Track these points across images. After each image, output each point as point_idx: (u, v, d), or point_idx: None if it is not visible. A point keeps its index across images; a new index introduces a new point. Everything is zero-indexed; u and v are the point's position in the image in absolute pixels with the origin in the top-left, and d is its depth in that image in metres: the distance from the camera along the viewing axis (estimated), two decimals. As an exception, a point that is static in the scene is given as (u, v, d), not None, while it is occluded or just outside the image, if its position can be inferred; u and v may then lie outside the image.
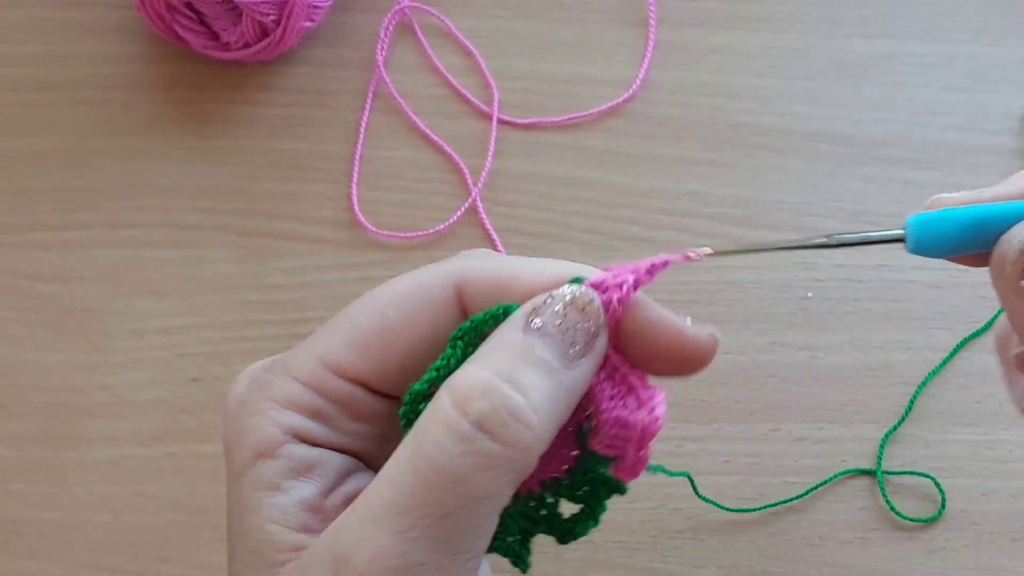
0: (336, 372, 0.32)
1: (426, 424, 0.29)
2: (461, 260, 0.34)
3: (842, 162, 0.60)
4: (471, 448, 0.28)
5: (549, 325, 0.31)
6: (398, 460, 0.29)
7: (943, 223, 0.32)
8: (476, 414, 0.29)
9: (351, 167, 0.61)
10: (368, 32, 0.64)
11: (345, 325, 0.33)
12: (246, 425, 0.32)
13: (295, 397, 0.32)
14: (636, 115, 0.61)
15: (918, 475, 0.53)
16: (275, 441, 0.32)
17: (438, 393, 0.30)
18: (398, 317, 0.33)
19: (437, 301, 0.33)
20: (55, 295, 0.59)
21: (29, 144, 0.62)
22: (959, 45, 0.62)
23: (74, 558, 0.54)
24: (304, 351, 0.33)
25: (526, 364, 0.30)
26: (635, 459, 0.33)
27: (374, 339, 0.32)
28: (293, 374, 0.32)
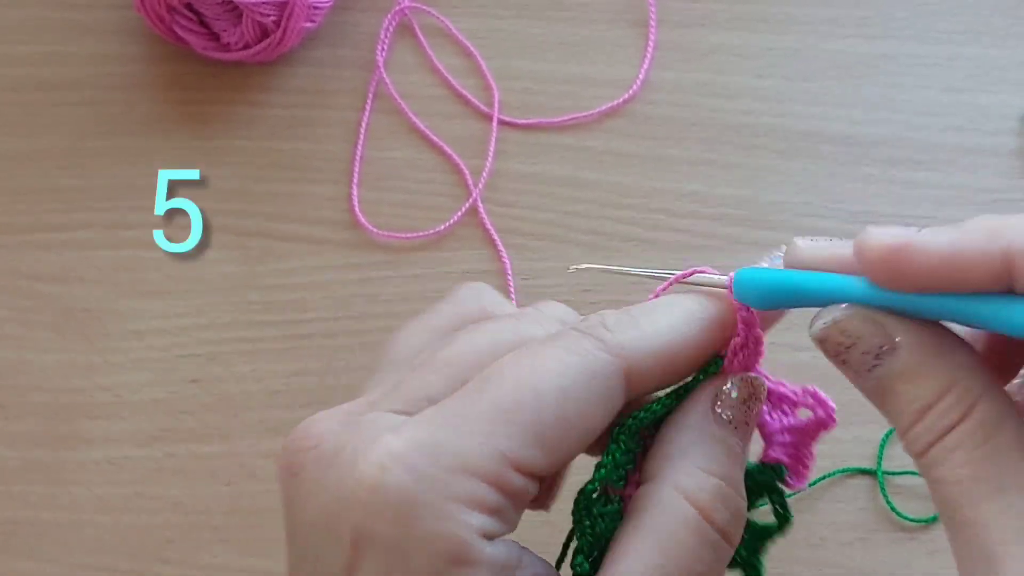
0: (518, 469, 0.31)
1: (669, 527, 0.32)
2: (620, 334, 0.33)
3: (842, 162, 0.60)
4: (718, 555, 0.32)
5: (737, 419, 0.34)
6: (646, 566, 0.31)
7: (761, 283, 0.33)
8: (721, 525, 0.32)
9: (351, 168, 0.61)
10: (368, 32, 0.64)
11: (525, 418, 0.31)
12: (433, 529, 0.30)
13: (479, 497, 0.31)
14: (636, 115, 0.62)
15: (919, 475, 0.53)
16: (472, 546, 0.30)
17: (666, 493, 0.32)
18: (577, 410, 0.32)
19: (610, 389, 0.33)
20: (55, 295, 0.59)
21: (29, 144, 0.62)
22: (959, 46, 0.62)
23: (74, 558, 0.54)
24: (480, 442, 0.31)
25: (734, 463, 0.33)
26: (806, 458, 0.36)
27: (556, 434, 0.32)
28: (474, 470, 0.30)
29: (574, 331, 0.33)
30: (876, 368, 0.31)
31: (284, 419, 0.56)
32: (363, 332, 0.57)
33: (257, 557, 0.54)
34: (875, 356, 0.31)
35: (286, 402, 0.56)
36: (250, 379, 0.56)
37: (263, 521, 0.54)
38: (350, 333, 0.57)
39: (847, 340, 0.31)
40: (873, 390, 0.32)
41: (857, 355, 0.31)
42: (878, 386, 0.31)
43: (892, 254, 0.29)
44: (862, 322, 0.31)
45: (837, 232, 0.58)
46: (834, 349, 0.32)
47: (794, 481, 0.36)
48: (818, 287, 0.32)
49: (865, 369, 0.31)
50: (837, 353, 0.32)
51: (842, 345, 0.31)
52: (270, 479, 0.55)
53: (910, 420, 0.31)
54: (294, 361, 0.57)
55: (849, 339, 0.31)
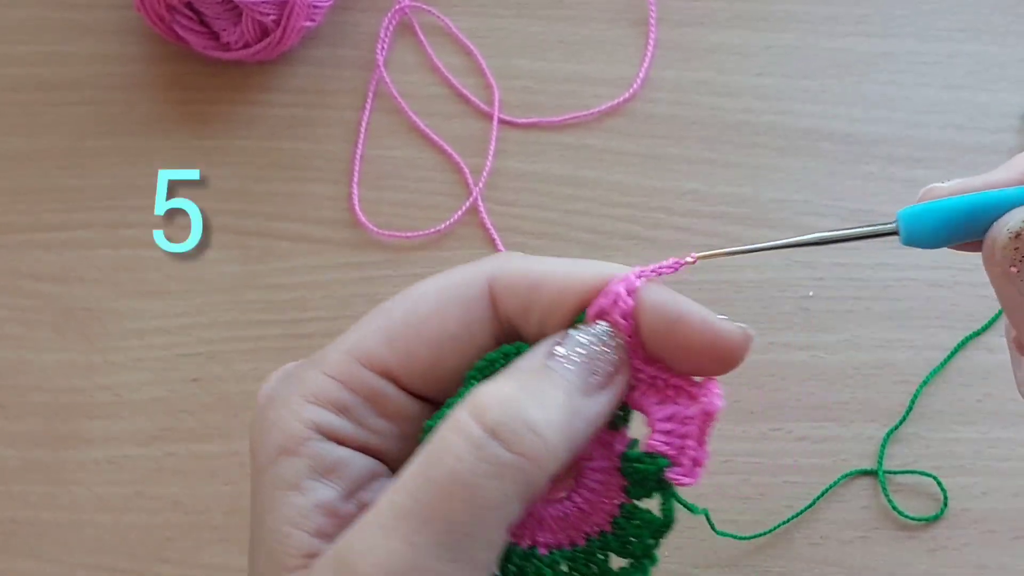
0: (365, 364, 0.32)
1: (440, 432, 0.29)
2: (493, 260, 0.34)
3: (842, 161, 0.60)
4: (482, 454, 0.29)
5: (571, 354, 0.31)
6: (412, 465, 0.29)
7: (934, 214, 0.33)
8: (491, 422, 0.29)
9: (351, 167, 0.61)
10: (368, 32, 0.64)
11: (376, 319, 0.33)
12: (271, 419, 0.32)
13: (323, 391, 0.32)
14: (636, 114, 0.61)
15: (919, 474, 0.53)
16: (299, 437, 0.31)
17: (456, 406, 0.30)
18: (428, 310, 0.33)
19: (469, 297, 0.33)
20: (55, 295, 0.59)
21: (29, 144, 0.62)
22: (959, 44, 0.62)
23: (74, 558, 0.54)
24: (334, 346, 0.33)
25: (544, 384, 0.31)
26: (695, 454, 0.33)
27: (404, 331, 0.32)
28: (322, 368, 0.32)
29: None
30: None
31: (284, 418, 0.56)
32: (363, 331, 0.57)
33: (257, 556, 0.54)
34: None
35: (286, 401, 0.56)
36: (250, 378, 0.56)
37: (263, 520, 0.54)
38: (350, 332, 0.57)
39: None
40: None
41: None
42: None
43: None
44: None
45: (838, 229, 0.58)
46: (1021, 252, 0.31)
47: (679, 476, 0.33)
48: (996, 200, 0.32)
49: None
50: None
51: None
52: (270, 478, 0.55)
53: None
54: (294, 360, 0.57)
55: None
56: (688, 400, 0.33)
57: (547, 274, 0.33)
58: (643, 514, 0.33)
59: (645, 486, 0.33)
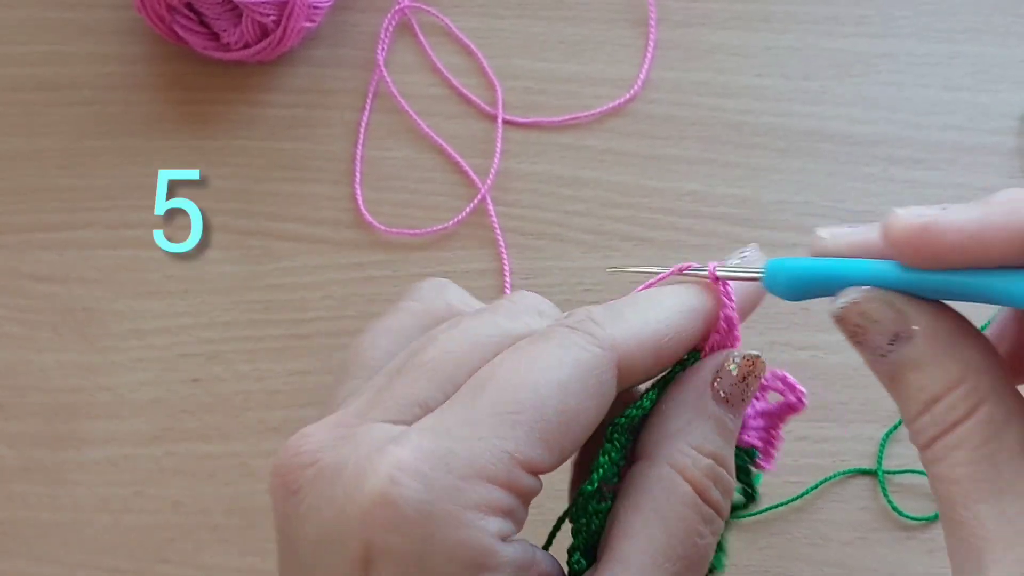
0: (526, 469, 0.31)
1: (673, 508, 0.33)
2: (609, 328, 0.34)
3: (843, 161, 0.60)
4: (713, 529, 0.33)
5: (734, 397, 0.35)
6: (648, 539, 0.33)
7: (787, 272, 0.34)
8: (715, 502, 0.33)
9: (352, 167, 0.61)
10: (368, 32, 0.64)
11: (529, 418, 0.31)
12: (455, 537, 0.30)
13: (494, 502, 0.31)
14: (636, 115, 0.61)
15: (920, 474, 0.53)
16: (490, 550, 0.30)
17: (664, 471, 0.33)
18: (578, 406, 0.32)
19: (605, 383, 0.33)
20: (55, 295, 0.59)
21: (29, 144, 0.62)
22: (959, 44, 0.62)
23: (74, 558, 0.54)
24: (489, 446, 0.31)
25: (724, 439, 0.34)
26: (775, 441, 0.38)
27: (558, 431, 0.32)
28: (486, 476, 0.31)
29: (563, 327, 0.33)
30: (890, 353, 0.31)
31: (284, 419, 0.56)
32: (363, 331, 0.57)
33: (257, 557, 0.54)
34: (890, 341, 0.31)
35: (286, 402, 0.56)
36: (250, 379, 0.56)
37: (263, 521, 0.54)
38: (350, 333, 0.57)
39: (865, 322, 0.32)
40: (885, 374, 0.32)
41: (873, 338, 0.32)
42: (890, 371, 0.32)
43: (919, 233, 0.30)
44: (881, 306, 0.31)
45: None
46: (851, 330, 0.32)
47: (764, 463, 0.38)
48: (847, 272, 0.32)
49: (879, 353, 0.32)
50: (854, 334, 0.32)
51: (859, 327, 0.32)
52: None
53: (917, 410, 0.31)
54: (294, 361, 0.57)
55: (867, 322, 0.32)
56: (762, 392, 0.37)
57: (665, 339, 0.34)
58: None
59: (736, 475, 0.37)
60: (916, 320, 0.31)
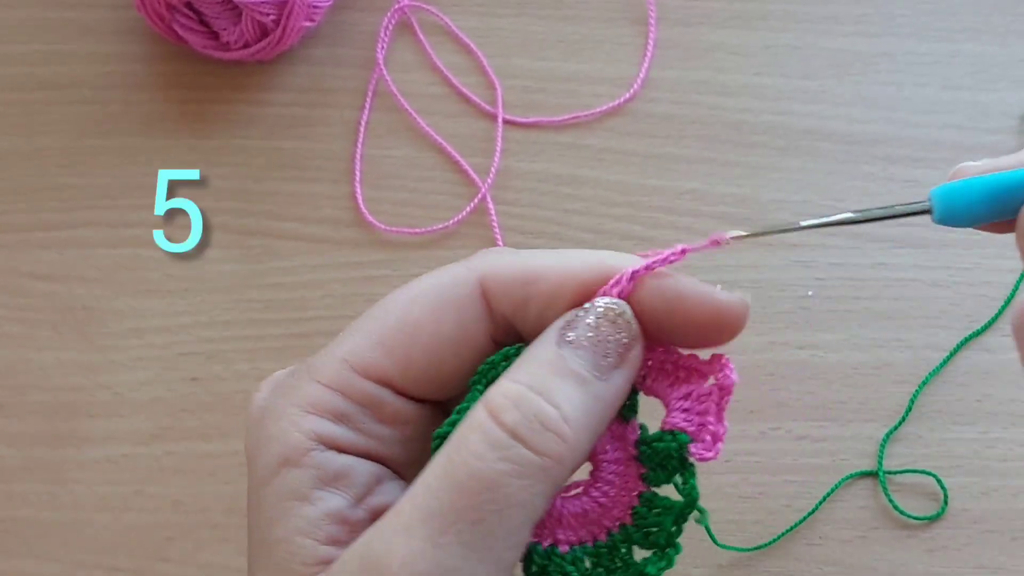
0: (361, 372, 0.32)
1: (461, 433, 0.30)
2: (483, 257, 0.34)
3: (842, 160, 0.60)
4: (505, 455, 0.29)
5: (582, 338, 0.31)
6: (432, 467, 0.29)
7: (968, 192, 0.33)
8: (510, 423, 0.29)
9: (351, 166, 0.61)
10: (368, 31, 0.64)
11: (368, 325, 0.32)
12: (270, 431, 0.32)
13: (320, 401, 0.31)
14: (636, 114, 0.61)
15: (920, 473, 0.53)
16: (301, 448, 0.31)
17: (473, 407, 0.30)
18: (422, 314, 0.32)
19: (462, 297, 0.33)
20: (55, 294, 0.59)
21: (29, 144, 0.62)
22: (959, 44, 0.62)
23: (74, 557, 0.54)
24: (327, 354, 0.32)
25: (559, 376, 0.31)
26: (715, 429, 0.33)
27: (399, 337, 0.32)
28: (317, 377, 0.32)
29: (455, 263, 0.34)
30: None
31: (284, 418, 0.56)
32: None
33: (257, 556, 0.54)
34: None
35: (286, 401, 0.56)
36: (250, 378, 0.56)
37: (263, 520, 0.54)
38: (350, 332, 0.57)
39: None
40: None
41: None
42: None
43: None
44: None
45: (838, 230, 0.58)
46: None
47: (701, 451, 0.33)
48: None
49: None
50: None
51: None
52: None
53: None
54: (294, 360, 0.56)
55: None
56: (701, 379, 0.34)
57: (541, 267, 0.33)
58: (663, 501, 0.33)
59: (666, 467, 0.33)
60: None
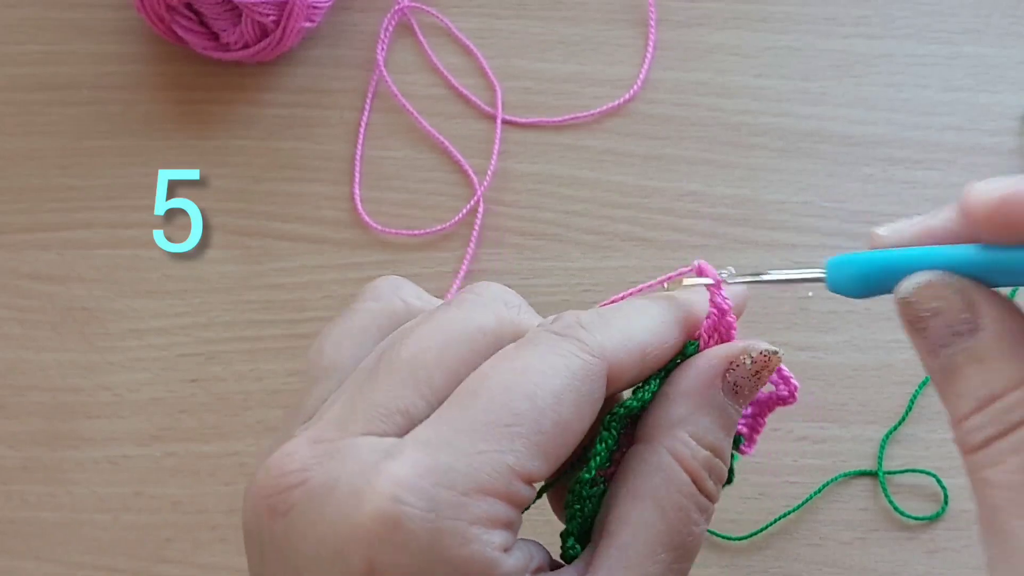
0: (525, 481, 0.31)
1: (671, 496, 0.33)
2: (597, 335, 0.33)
3: (842, 162, 0.60)
4: (708, 515, 0.34)
5: (743, 389, 0.35)
6: (644, 529, 0.33)
7: (852, 267, 0.33)
8: (710, 493, 0.34)
9: (351, 167, 0.61)
10: (367, 32, 0.64)
11: (527, 430, 0.31)
12: (457, 556, 0.30)
13: (497, 516, 0.31)
14: (636, 115, 0.61)
15: (920, 473, 0.53)
16: (496, 563, 0.31)
17: (664, 459, 0.33)
18: (571, 416, 0.32)
19: (597, 393, 0.33)
20: (54, 295, 0.59)
21: (29, 144, 0.62)
22: (959, 45, 0.62)
23: (73, 558, 0.54)
24: (491, 460, 0.30)
25: (727, 433, 0.35)
26: (760, 427, 0.38)
27: (556, 442, 0.32)
28: (487, 490, 0.30)
29: (550, 333, 0.33)
30: (951, 345, 0.30)
31: (284, 418, 0.56)
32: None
33: (257, 556, 0.54)
34: (954, 332, 0.30)
35: (286, 402, 0.56)
36: (250, 378, 0.56)
37: (263, 520, 0.54)
38: (350, 332, 0.57)
39: (935, 306, 0.30)
40: (940, 368, 0.31)
41: (938, 325, 0.30)
42: (947, 364, 0.30)
43: (999, 204, 0.29)
44: (954, 292, 0.30)
45: (837, 231, 0.58)
46: (917, 315, 0.31)
47: (746, 449, 0.39)
48: (918, 260, 0.31)
49: (940, 344, 0.30)
50: (918, 320, 0.31)
51: (927, 311, 0.31)
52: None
53: (971, 408, 0.30)
54: (294, 360, 0.57)
55: (936, 305, 0.30)
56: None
57: (651, 343, 0.35)
58: None
59: None
60: (986, 312, 0.30)
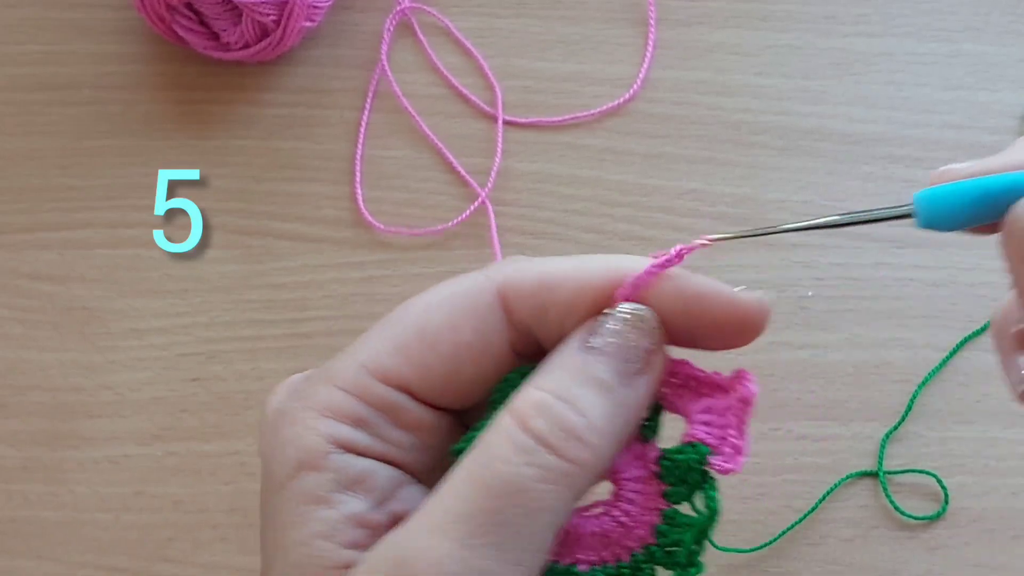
0: (379, 378, 0.32)
1: (487, 439, 0.30)
2: (501, 266, 0.33)
3: (842, 160, 0.60)
4: (532, 460, 0.29)
5: (605, 344, 0.31)
6: (459, 472, 0.30)
7: (951, 196, 0.32)
8: (536, 431, 0.30)
9: (352, 167, 0.61)
10: (368, 32, 0.64)
11: (386, 331, 0.32)
12: (286, 435, 0.31)
13: (338, 405, 0.31)
14: (636, 114, 0.62)
15: (920, 472, 0.53)
16: (319, 451, 0.31)
17: (499, 413, 0.30)
18: (441, 321, 0.32)
19: (480, 305, 0.32)
20: (55, 294, 0.59)
21: (29, 144, 0.62)
22: (958, 43, 0.62)
23: (74, 557, 0.54)
24: (344, 358, 0.32)
25: (583, 383, 0.31)
26: (736, 442, 0.34)
27: (417, 343, 0.32)
28: (334, 381, 0.32)
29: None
30: None
31: (284, 418, 0.56)
32: (363, 331, 0.57)
33: (257, 556, 0.53)
34: None
35: (286, 401, 0.56)
36: (250, 378, 0.57)
37: (263, 520, 0.54)
38: (350, 332, 0.57)
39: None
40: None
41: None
42: None
43: None
44: None
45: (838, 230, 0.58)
46: None
47: (722, 463, 0.33)
48: (1016, 183, 0.31)
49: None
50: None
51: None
52: (270, 478, 0.55)
53: None
54: (294, 360, 0.57)
55: None
56: (723, 393, 0.34)
57: (559, 274, 0.33)
58: (684, 518, 0.33)
59: (687, 481, 0.33)
60: None
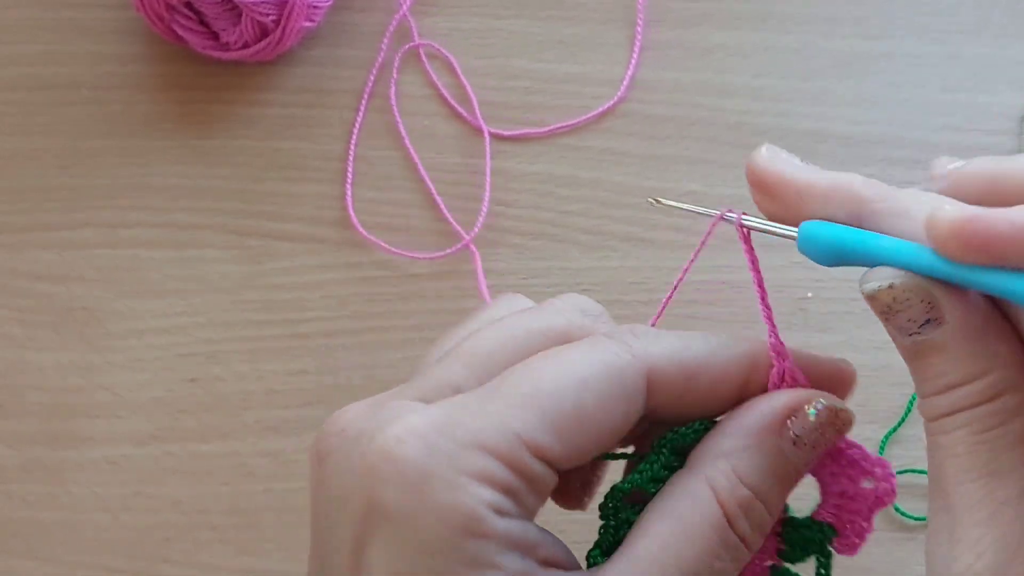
0: (532, 451, 0.32)
1: (697, 524, 0.32)
2: (638, 338, 0.34)
3: (841, 162, 0.60)
4: (735, 555, 0.33)
5: (806, 439, 0.34)
6: (666, 549, 0.32)
7: (826, 238, 0.34)
8: (741, 532, 0.33)
9: (352, 166, 0.61)
10: (367, 32, 0.64)
11: (541, 401, 0.32)
12: (443, 499, 0.31)
13: (491, 473, 0.31)
14: (635, 115, 0.62)
15: (920, 473, 0.53)
16: (481, 517, 0.31)
17: (699, 486, 0.33)
18: (595, 404, 0.32)
19: (630, 390, 0.33)
20: (54, 295, 0.59)
21: (29, 144, 0.62)
22: (958, 45, 0.62)
23: (73, 557, 0.54)
24: (492, 421, 0.31)
25: (774, 475, 0.34)
26: (860, 529, 0.35)
27: (574, 425, 0.32)
28: (487, 448, 0.31)
29: (602, 336, 0.34)
30: (918, 334, 0.31)
31: (283, 418, 0.56)
32: (361, 331, 0.57)
33: (256, 556, 0.54)
34: (919, 325, 0.31)
35: (285, 402, 0.56)
36: (249, 378, 0.56)
37: (262, 521, 0.54)
38: (349, 332, 0.57)
39: (897, 306, 0.31)
40: (908, 350, 0.32)
41: (902, 320, 0.31)
42: (914, 349, 0.32)
43: (966, 225, 0.29)
44: (915, 293, 0.31)
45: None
46: (881, 309, 0.32)
47: (841, 549, 0.36)
48: (882, 250, 0.32)
49: (907, 332, 0.32)
50: (883, 312, 0.32)
51: (891, 308, 0.31)
52: (269, 478, 0.55)
53: (934, 390, 0.32)
54: (293, 360, 0.57)
55: (899, 305, 0.31)
56: (861, 475, 0.35)
57: (702, 363, 0.34)
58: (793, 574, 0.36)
59: (805, 551, 0.35)
60: (949, 311, 0.31)
